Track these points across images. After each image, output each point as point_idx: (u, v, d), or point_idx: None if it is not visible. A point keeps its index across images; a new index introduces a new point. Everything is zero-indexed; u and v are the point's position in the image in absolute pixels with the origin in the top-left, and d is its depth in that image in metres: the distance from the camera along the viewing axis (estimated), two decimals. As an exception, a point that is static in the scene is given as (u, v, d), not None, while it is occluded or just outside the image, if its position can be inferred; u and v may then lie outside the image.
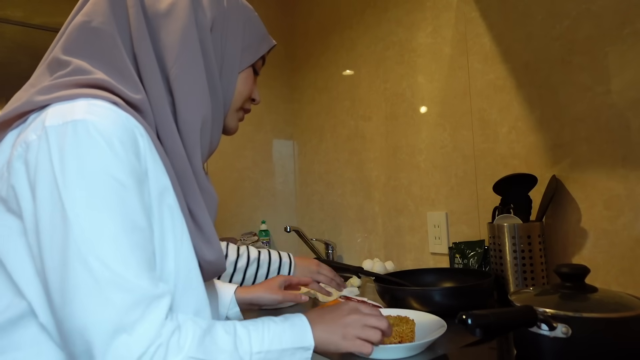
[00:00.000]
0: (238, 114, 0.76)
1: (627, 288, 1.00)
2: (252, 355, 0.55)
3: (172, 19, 0.61)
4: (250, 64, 0.73)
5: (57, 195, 0.47)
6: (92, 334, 0.46)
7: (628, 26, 1.00)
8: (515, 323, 0.70)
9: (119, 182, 0.49)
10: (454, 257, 1.31)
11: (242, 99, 0.74)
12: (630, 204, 1.01)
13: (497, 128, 1.27)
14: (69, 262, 0.46)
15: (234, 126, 0.76)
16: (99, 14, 0.59)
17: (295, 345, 0.60)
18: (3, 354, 0.51)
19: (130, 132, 0.52)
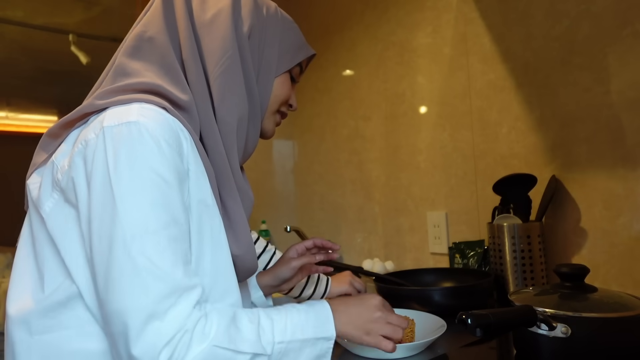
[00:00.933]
0: (275, 117, 0.79)
1: (627, 288, 1.00)
2: (274, 345, 0.57)
3: (214, 27, 0.67)
4: (287, 70, 0.77)
5: (109, 188, 0.52)
6: (129, 318, 0.50)
7: (628, 26, 1.00)
8: (515, 323, 0.70)
9: (164, 179, 0.54)
10: (454, 257, 1.31)
11: (278, 102, 0.77)
12: (630, 204, 1.01)
13: (497, 128, 1.27)
14: (114, 250, 0.51)
15: (270, 129, 0.79)
16: (153, 24, 0.67)
17: (317, 336, 0.61)
18: (51, 332, 0.56)
19: (176, 135, 0.58)
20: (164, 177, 0.54)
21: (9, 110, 4.25)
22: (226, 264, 0.63)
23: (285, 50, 0.76)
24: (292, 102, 0.81)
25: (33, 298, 0.57)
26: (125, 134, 0.54)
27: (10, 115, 4.25)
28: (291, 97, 0.81)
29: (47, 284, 0.57)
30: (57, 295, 0.56)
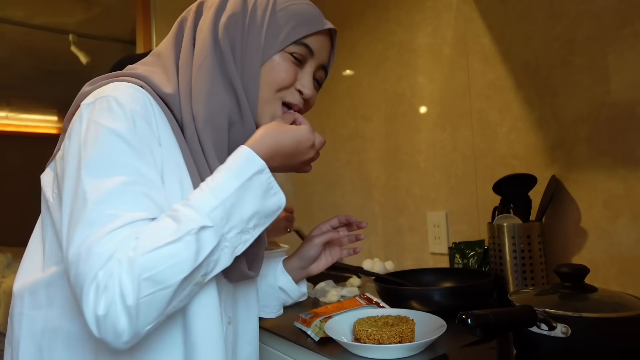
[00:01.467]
0: (273, 107, 0.70)
1: (627, 288, 1.00)
2: (209, 214, 0.55)
3: (203, 27, 0.68)
4: (278, 51, 0.68)
5: (78, 152, 0.56)
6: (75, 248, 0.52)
7: (628, 26, 1.00)
8: (515, 323, 0.70)
9: (126, 141, 0.57)
10: (454, 257, 1.31)
11: (270, 89, 0.69)
12: (630, 204, 1.01)
13: (496, 128, 1.28)
14: (75, 203, 0.54)
15: (265, 123, 0.70)
16: (164, 44, 0.72)
17: (247, 176, 0.59)
18: (39, 309, 0.60)
19: (144, 104, 0.60)
20: (127, 140, 0.57)
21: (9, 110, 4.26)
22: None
23: (277, 32, 0.68)
24: (299, 87, 0.71)
25: (32, 276, 0.62)
26: (97, 107, 0.58)
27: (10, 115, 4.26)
28: (297, 82, 0.71)
29: (46, 264, 0.62)
30: (50, 274, 0.60)
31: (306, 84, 0.71)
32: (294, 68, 0.69)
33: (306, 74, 0.71)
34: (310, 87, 0.71)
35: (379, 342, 0.80)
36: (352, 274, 1.43)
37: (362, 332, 0.82)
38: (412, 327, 0.83)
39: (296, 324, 0.99)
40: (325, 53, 0.73)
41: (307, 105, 0.75)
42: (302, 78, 0.71)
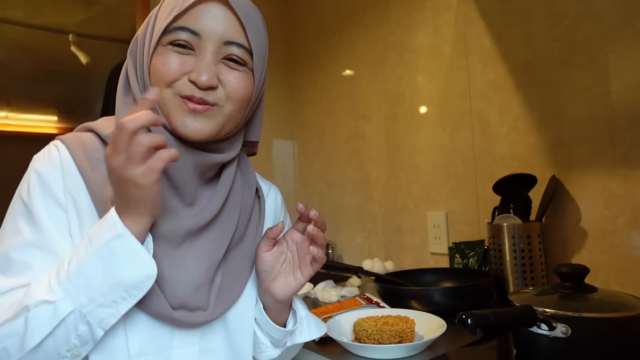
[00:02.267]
0: (171, 106, 0.60)
1: (627, 288, 1.00)
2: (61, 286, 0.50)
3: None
4: (154, 49, 0.60)
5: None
6: None
7: (628, 26, 1.00)
8: (515, 323, 0.70)
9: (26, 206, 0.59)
10: (454, 257, 1.31)
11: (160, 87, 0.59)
12: (630, 204, 1.01)
13: (497, 128, 1.27)
14: None
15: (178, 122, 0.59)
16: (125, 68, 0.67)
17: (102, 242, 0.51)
18: None
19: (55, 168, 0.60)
20: (27, 204, 0.59)
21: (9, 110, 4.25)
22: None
23: (152, 34, 0.61)
24: (193, 78, 0.58)
25: None
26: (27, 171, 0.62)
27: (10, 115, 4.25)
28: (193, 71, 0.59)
29: None
30: None
31: (201, 70, 0.58)
32: (175, 58, 0.59)
33: (201, 60, 0.59)
34: (205, 71, 0.58)
35: (379, 342, 0.80)
36: (352, 274, 1.43)
37: (362, 332, 0.82)
38: (412, 327, 0.83)
39: (296, 324, 0.98)
40: (223, 26, 0.59)
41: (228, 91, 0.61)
42: (196, 66, 0.59)
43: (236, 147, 0.68)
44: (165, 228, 0.59)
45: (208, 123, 0.60)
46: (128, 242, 0.51)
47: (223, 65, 0.61)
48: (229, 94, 0.61)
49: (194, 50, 0.59)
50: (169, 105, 0.59)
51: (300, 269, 0.65)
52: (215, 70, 0.59)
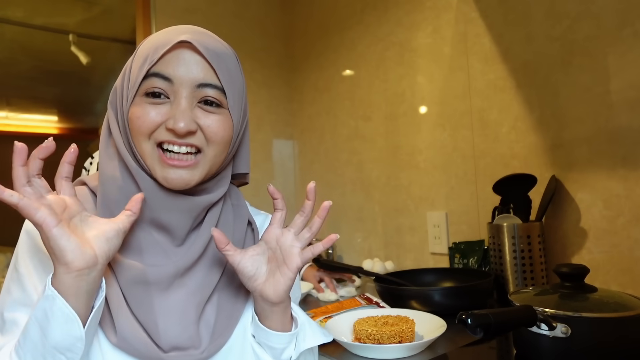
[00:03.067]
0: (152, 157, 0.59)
1: (627, 288, 1.00)
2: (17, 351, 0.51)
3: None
4: (130, 102, 0.60)
5: None
6: None
7: (628, 26, 1.00)
8: (515, 323, 0.70)
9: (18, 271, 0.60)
10: (454, 257, 1.31)
11: (139, 140, 0.59)
12: (630, 204, 1.01)
13: (497, 128, 1.27)
14: None
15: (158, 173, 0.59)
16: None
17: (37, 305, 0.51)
18: None
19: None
20: (15, 264, 0.61)
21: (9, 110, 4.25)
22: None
23: (129, 86, 0.61)
24: (170, 126, 0.57)
25: None
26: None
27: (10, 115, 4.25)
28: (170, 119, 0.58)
29: None
30: None
31: (177, 117, 0.57)
32: (150, 109, 0.58)
33: (175, 106, 0.58)
34: (181, 118, 0.57)
35: (379, 342, 0.80)
36: (352, 274, 1.44)
37: (362, 332, 0.82)
38: (412, 327, 0.83)
39: (296, 324, 0.98)
40: (195, 70, 0.59)
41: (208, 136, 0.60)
42: (172, 113, 0.58)
43: (224, 184, 0.67)
44: (154, 272, 0.58)
45: (192, 174, 0.59)
46: (55, 304, 0.49)
47: (200, 110, 0.60)
48: (209, 138, 0.60)
49: (168, 97, 0.59)
50: (150, 160, 0.59)
51: (286, 263, 0.61)
52: (191, 115, 0.59)
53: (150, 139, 0.59)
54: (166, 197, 0.60)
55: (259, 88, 2.05)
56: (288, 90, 2.15)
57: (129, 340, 0.56)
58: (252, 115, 2.03)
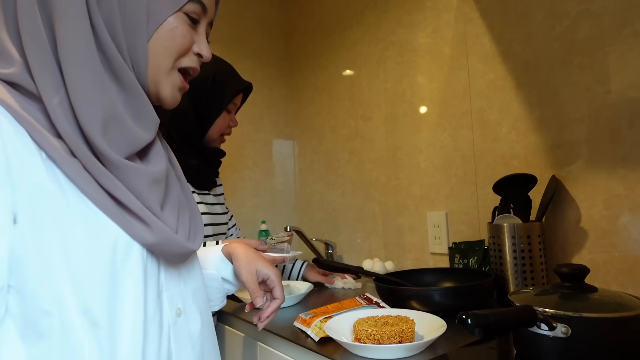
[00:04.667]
0: (171, 78, 0.61)
1: (627, 288, 1.00)
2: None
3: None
4: (170, 14, 0.58)
5: None
6: None
7: (628, 26, 1.00)
8: (515, 323, 0.70)
9: None
10: (454, 257, 1.31)
11: (169, 58, 0.59)
12: (630, 204, 1.01)
13: (497, 128, 1.27)
14: None
15: (169, 96, 0.62)
16: None
17: None
18: None
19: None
20: None
21: (9, 110, 4.27)
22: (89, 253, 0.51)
23: None
24: (198, 50, 0.62)
25: None
26: None
27: (10, 115, 4.27)
28: (196, 45, 0.62)
29: None
30: None
31: (204, 47, 0.63)
32: (190, 30, 0.61)
33: (201, 35, 0.63)
34: (208, 48, 0.64)
35: (379, 342, 0.80)
36: (352, 274, 1.44)
37: (362, 332, 0.82)
38: (412, 327, 0.83)
39: (296, 324, 0.99)
40: (214, 8, 0.66)
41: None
42: (197, 40, 0.62)
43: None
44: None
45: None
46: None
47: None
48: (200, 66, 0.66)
49: (196, 24, 0.62)
50: (169, 77, 0.61)
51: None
52: None
53: (177, 60, 0.61)
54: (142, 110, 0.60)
55: (259, 88, 2.05)
56: (288, 90, 2.15)
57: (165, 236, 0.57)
58: (252, 115, 2.04)
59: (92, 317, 0.50)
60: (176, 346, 0.60)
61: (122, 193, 0.53)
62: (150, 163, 0.59)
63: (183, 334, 0.62)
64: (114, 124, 0.54)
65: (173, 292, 0.62)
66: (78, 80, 0.52)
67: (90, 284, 0.50)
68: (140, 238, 0.54)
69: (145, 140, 0.57)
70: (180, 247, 0.58)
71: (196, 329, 0.64)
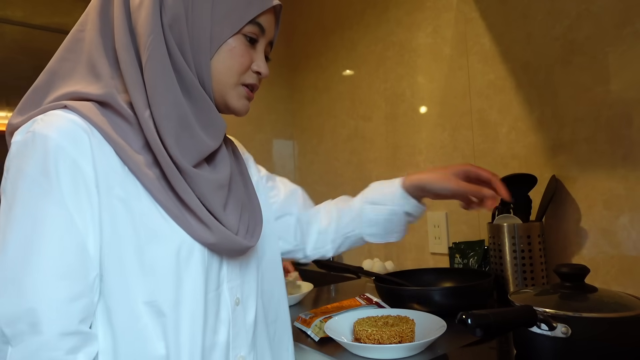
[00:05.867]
0: (236, 90, 0.69)
1: (627, 288, 1.00)
2: None
3: (142, 8, 0.62)
4: (230, 36, 0.65)
5: (4, 200, 0.56)
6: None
7: (628, 26, 1.00)
8: (515, 323, 0.70)
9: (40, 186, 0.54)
10: (454, 257, 1.31)
11: (232, 76, 0.67)
12: (630, 204, 1.01)
13: (497, 128, 1.27)
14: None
15: (238, 106, 0.70)
16: (87, 19, 0.67)
17: None
18: None
19: (72, 133, 0.56)
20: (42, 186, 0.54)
21: (8, 110, 4.26)
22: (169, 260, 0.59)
23: (222, 17, 0.65)
24: (256, 68, 0.69)
25: None
26: (21, 146, 0.56)
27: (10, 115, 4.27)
28: (255, 63, 0.69)
29: None
30: None
31: (262, 65, 0.70)
32: (248, 50, 0.68)
33: (259, 53, 0.70)
34: (266, 67, 0.71)
35: (379, 342, 0.80)
36: (352, 274, 1.44)
37: (362, 332, 0.82)
38: (412, 327, 0.83)
39: (296, 324, 0.98)
40: (273, 29, 0.72)
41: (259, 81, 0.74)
42: (256, 58, 0.69)
43: None
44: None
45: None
46: None
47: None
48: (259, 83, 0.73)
49: (254, 44, 0.69)
50: (234, 90, 0.68)
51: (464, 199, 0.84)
52: None
53: (239, 77, 0.68)
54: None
55: (259, 88, 2.04)
56: (288, 91, 2.15)
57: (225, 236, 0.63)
58: (252, 115, 2.03)
59: (158, 306, 0.58)
60: (233, 332, 0.66)
61: (189, 197, 0.61)
62: (216, 169, 0.67)
63: (240, 321, 0.68)
64: (185, 135, 0.62)
65: (234, 283, 0.68)
66: (159, 97, 0.60)
67: (157, 279, 0.58)
68: (202, 239, 0.61)
69: (212, 148, 0.65)
70: (237, 245, 0.65)
71: (251, 317, 0.70)
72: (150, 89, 0.60)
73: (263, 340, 0.73)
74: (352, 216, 0.93)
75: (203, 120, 0.64)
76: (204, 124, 0.64)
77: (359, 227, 0.92)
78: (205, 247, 0.62)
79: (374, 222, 0.90)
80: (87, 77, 0.62)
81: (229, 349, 0.65)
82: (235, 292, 0.68)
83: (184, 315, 0.59)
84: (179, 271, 0.60)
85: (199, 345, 0.60)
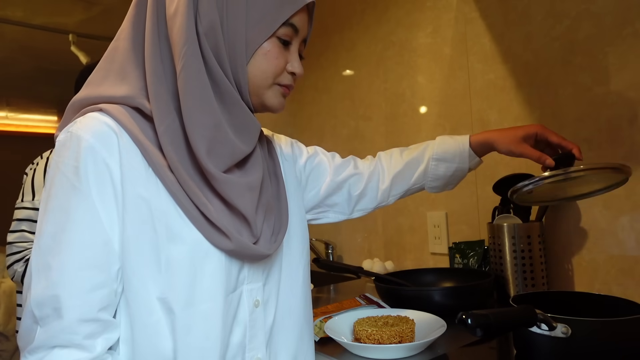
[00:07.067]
0: (272, 91, 0.69)
1: (627, 288, 1.00)
2: None
3: (177, 16, 0.63)
4: (265, 40, 0.65)
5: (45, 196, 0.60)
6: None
7: (628, 26, 1.00)
8: (515, 323, 0.70)
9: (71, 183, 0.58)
10: (454, 257, 1.31)
11: (267, 79, 0.68)
12: (630, 204, 1.01)
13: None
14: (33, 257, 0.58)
15: (274, 104, 0.70)
16: (122, 30, 0.68)
17: None
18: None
19: (103, 134, 0.59)
20: (73, 183, 0.58)
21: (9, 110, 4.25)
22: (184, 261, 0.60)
23: (257, 21, 0.65)
24: (291, 69, 0.70)
25: None
26: (60, 145, 0.60)
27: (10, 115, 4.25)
28: (289, 64, 0.69)
29: None
30: None
31: (296, 65, 0.70)
32: (283, 52, 0.68)
33: (293, 54, 0.70)
34: (300, 66, 0.71)
35: (379, 342, 0.80)
36: (352, 274, 1.44)
37: (362, 332, 0.82)
38: (412, 327, 0.83)
39: (296, 324, 0.98)
40: (306, 27, 0.71)
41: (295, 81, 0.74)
42: (290, 59, 0.69)
43: None
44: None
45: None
46: None
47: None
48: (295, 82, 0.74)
49: (288, 45, 0.69)
50: (270, 91, 0.69)
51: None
52: None
53: (274, 79, 0.69)
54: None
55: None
56: (288, 90, 2.15)
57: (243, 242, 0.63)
58: (252, 115, 2.03)
59: (168, 304, 0.59)
60: (250, 334, 0.66)
61: (204, 207, 0.61)
62: (247, 172, 0.68)
63: (258, 323, 0.68)
64: (218, 141, 0.63)
65: (254, 285, 0.68)
66: (192, 105, 0.61)
67: (171, 277, 0.59)
68: (220, 244, 0.62)
69: (245, 153, 0.66)
70: (255, 252, 0.65)
71: (270, 319, 0.70)
72: (183, 97, 0.61)
73: (282, 341, 0.72)
74: (419, 172, 0.96)
75: (237, 125, 0.65)
76: (237, 129, 0.65)
77: (423, 181, 0.96)
78: (223, 252, 0.63)
79: (439, 177, 0.94)
80: (115, 84, 0.64)
81: (244, 351, 0.65)
82: (255, 294, 0.68)
83: (197, 315, 0.60)
84: (195, 272, 0.61)
85: (212, 345, 0.61)
